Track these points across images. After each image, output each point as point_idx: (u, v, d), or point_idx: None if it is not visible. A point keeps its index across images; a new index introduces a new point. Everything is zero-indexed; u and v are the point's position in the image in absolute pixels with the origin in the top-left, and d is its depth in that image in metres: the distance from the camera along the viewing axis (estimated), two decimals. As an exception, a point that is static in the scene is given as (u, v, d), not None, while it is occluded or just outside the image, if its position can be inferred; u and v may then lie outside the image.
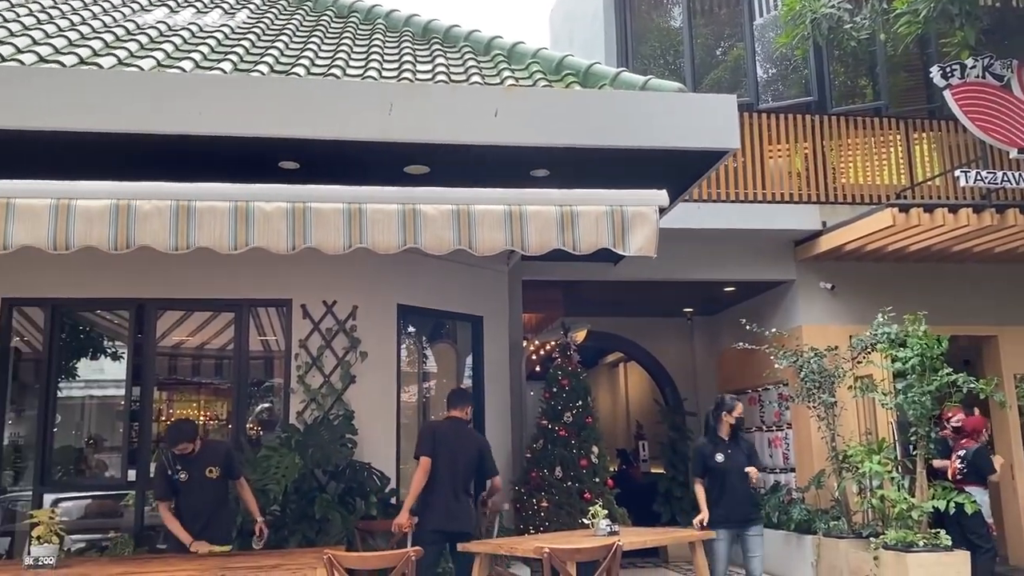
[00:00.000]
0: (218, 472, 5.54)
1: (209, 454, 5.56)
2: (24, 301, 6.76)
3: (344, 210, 4.24)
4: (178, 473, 5.43)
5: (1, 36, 6.12)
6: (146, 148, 5.41)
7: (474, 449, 5.97)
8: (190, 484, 5.46)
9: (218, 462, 5.57)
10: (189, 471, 5.45)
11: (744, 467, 6.20)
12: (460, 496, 5.84)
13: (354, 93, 5.51)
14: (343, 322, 7.04)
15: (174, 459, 5.45)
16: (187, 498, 5.47)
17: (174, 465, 5.44)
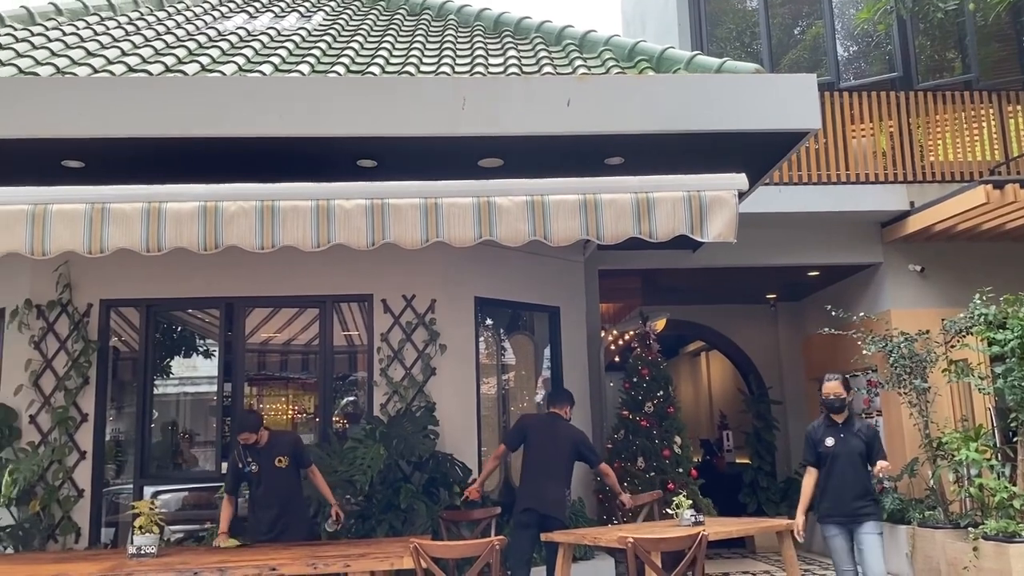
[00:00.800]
0: (287, 461, 5.67)
1: (277, 444, 5.70)
2: (120, 302, 7.06)
3: (421, 205, 4.30)
4: (249, 465, 5.59)
5: (92, 49, 6.40)
6: (229, 152, 5.59)
7: (567, 442, 6.09)
8: (261, 475, 5.60)
9: (286, 452, 5.69)
10: (259, 462, 5.60)
11: (857, 453, 5.40)
12: (550, 485, 5.95)
13: (427, 89, 5.57)
14: (422, 315, 7.13)
15: (245, 452, 5.61)
16: (259, 489, 5.62)
17: (245, 458, 5.60)
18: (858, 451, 5.39)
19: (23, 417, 6.74)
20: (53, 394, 6.78)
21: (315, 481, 5.85)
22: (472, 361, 7.30)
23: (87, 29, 7.07)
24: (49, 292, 6.88)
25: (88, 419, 6.79)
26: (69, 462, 6.69)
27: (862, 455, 5.40)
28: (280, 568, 4.43)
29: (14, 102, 5.34)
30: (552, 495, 5.95)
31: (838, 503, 5.41)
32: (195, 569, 4.38)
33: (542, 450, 6.05)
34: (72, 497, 6.61)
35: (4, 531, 6.31)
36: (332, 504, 5.80)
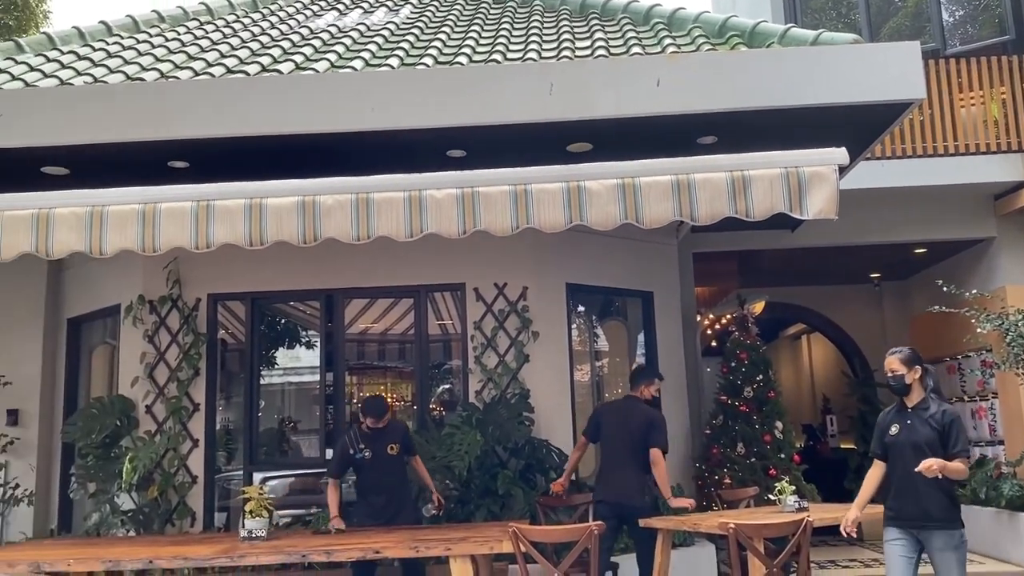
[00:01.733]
0: (397, 449, 5.78)
1: (390, 432, 5.80)
2: (227, 296, 7.35)
3: (511, 192, 4.31)
4: (362, 451, 5.70)
5: (193, 53, 6.66)
6: (324, 147, 5.73)
7: (639, 424, 5.71)
8: (373, 461, 5.70)
9: (398, 439, 5.81)
10: (373, 449, 5.70)
11: (924, 443, 4.31)
12: (624, 473, 5.69)
13: (514, 76, 5.58)
14: (514, 303, 7.16)
15: (360, 437, 5.72)
16: (371, 474, 5.73)
17: (358, 444, 5.71)
18: (925, 441, 4.31)
19: (140, 407, 7.11)
20: (167, 385, 7.11)
21: (417, 468, 5.97)
22: (565, 348, 7.29)
23: (187, 34, 7.36)
24: (160, 288, 7.21)
25: (200, 409, 7.10)
26: (183, 450, 7.01)
27: (932, 447, 4.28)
28: (384, 551, 4.53)
29: (123, 107, 5.61)
30: (627, 483, 5.66)
31: (899, 504, 4.41)
32: (303, 552, 4.52)
33: (614, 438, 5.81)
34: (187, 483, 6.93)
35: (126, 515, 6.67)
36: (432, 491, 5.90)
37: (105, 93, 5.72)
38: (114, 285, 7.52)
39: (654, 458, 5.58)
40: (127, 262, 6.98)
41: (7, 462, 7.74)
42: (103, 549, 4.98)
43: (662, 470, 5.59)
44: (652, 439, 5.62)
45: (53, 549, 5.15)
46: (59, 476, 7.90)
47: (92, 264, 7.52)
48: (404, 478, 5.90)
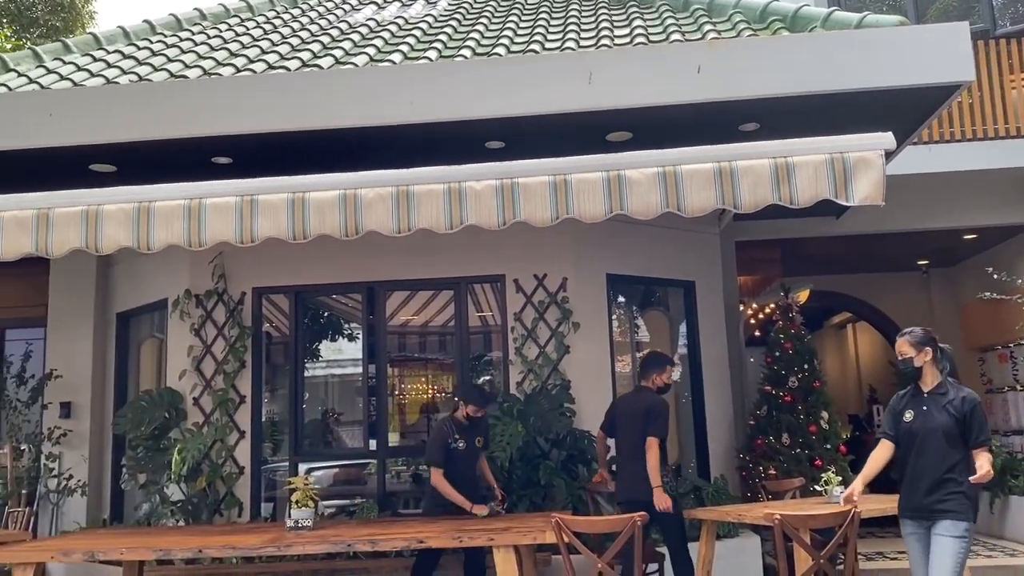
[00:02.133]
0: (482, 442, 5.83)
1: (480, 424, 5.85)
2: (271, 290, 7.44)
3: (550, 182, 4.29)
4: (456, 442, 5.70)
5: (235, 50, 6.75)
6: (364, 141, 5.77)
7: (642, 414, 5.50)
8: (464, 453, 5.71)
9: (483, 432, 5.87)
10: (466, 440, 5.72)
11: (941, 432, 4.13)
12: (634, 467, 5.49)
13: (553, 66, 5.56)
14: (554, 294, 7.15)
15: (455, 428, 5.73)
16: (458, 466, 5.70)
17: (453, 434, 5.71)
18: (943, 429, 4.12)
19: (187, 399, 7.24)
20: (213, 377, 7.23)
21: (483, 463, 5.99)
22: (606, 338, 7.26)
23: (229, 31, 7.46)
24: (206, 282, 7.33)
25: (246, 401, 7.21)
26: (230, 441, 7.13)
27: (949, 435, 4.11)
28: (427, 541, 4.57)
29: (168, 104, 5.70)
30: (636, 477, 5.44)
31: (910, 494, 4.26)
32: (348, 541, 4.58)
33: (623, 432, 5.65)
34: (234, 474, 7.04)
35: (176, 505, 6.81)
36: (495, 486, 5.92)
37: (149, 91, 5.82)
38: (161, 280, 7.67)
39: (646, 445, 5.38)
40: (173, 257, 7.11)
41: (61, 454, 7.94)
42: (154, 538, 5.10)
43: (652, 458, 5.35)
44: (648, 427, 5.43)
45: (106, 538, 5.28)
46: (111, 467, 8.08)
47: (140, 260, 7.67)
48: (478, 472, 5.93)
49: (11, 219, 4.36)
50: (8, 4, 16.49)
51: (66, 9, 16.86)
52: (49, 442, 7.90)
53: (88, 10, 17.47)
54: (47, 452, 7.91)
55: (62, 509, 7.87)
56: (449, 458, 5.69)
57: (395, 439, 7.71)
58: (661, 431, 5.44)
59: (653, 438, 5.38)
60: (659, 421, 5.44)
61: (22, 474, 7.84)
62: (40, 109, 5.77)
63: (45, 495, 7.88)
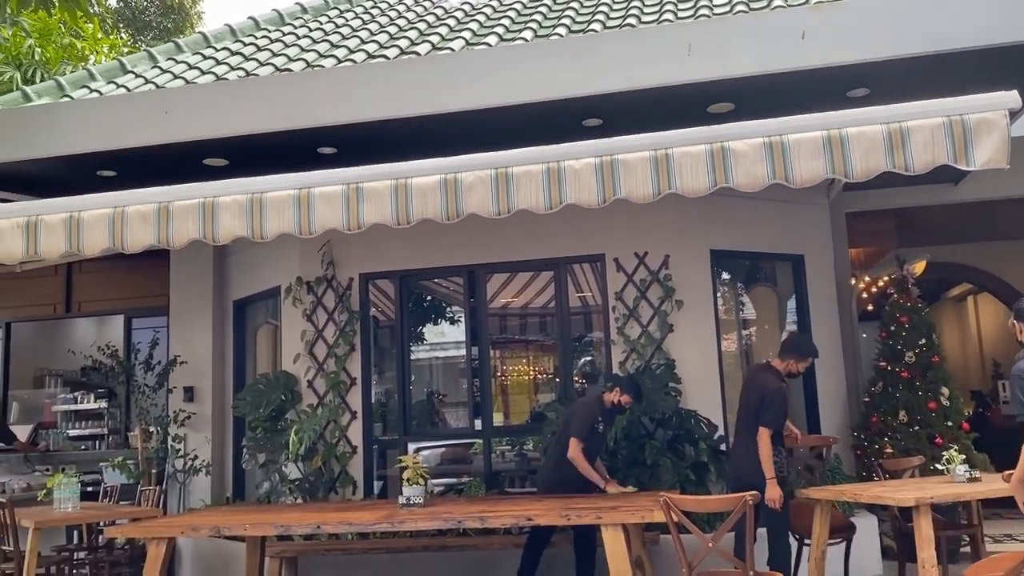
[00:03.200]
0: (604, 427, 5.91)
1: (614, 413, 5.95)
2: (377, 275, 7.63)
3: (651, 157, 4.22)
4: (598, 424, 5.80)
5: (336, 41, 6.91)
6: (461, 126, 5.82)
7: (757, 399, 5.36)
8: (599, 436, 5.84)
9: (610, 419, 5.97)
10: (603, 424, 5.84)
11: None
12: (743, 446, 5.38)
13: (651, 39, 5.46)
14: (656, 272, 7.06)
15: (602, 410, 5.82)
16: (595, 448, 5.83)
17: (598, 416, 5.80)
18: None
19: (302, 382, 7.52)
20: (325, 360, 7.48)
21: None
22: (711, 316, 7.12)
23: (329, 23, 7.64)
24: (316, 269, 7.58)
25: (356, 383, 7.43)
26: (343, 422, 7.37)
27: None
28: (536, 518, 4.61)
29: (274, 97, 5.90)
30: (741, 457, 5.36)
31: None
32: (459, 517, 4.67)
33: (741, 406, 5.53)
34: (347, 453, 7.29)
35: (294, 483, 7.10)
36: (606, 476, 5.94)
37: (256, 85, 6.03)
38: (274, 268, 7.97)
39: (758, 436, 5.23)
40: (285, 246, 7.36)
41: (186, 435, 8.39)
42: (275, 515, 5.33)
43: (764, 449, 5.19)
44: (761, 416, 5.26)
45: (230, 515, 5.56)
46: (232, 448, 8.49)
47: (253, 249, 7.99)
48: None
49: (135, 213, 4.60)
50: (123, 10, 17.39)
51: (176, 11, 17.66)
52: (175, 424, 8.35)
53: (196, 11, 18.25)
54: (173, 434, 8.36)
55: (188, 488, 8.33)
56: (589, 437, 5.77)
57: (499, 419, 7.81)
58: (773, 423, 5.27)
59: (765, 429, 5.22)
60: (771, 412, 5.26)
61: (151, 455, 8.32)
62: (156, 108, 6.06)
63: (173, 475, 8.34)
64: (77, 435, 9.51)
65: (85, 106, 6.19)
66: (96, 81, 6.85)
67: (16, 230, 4.54)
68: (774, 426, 5.26)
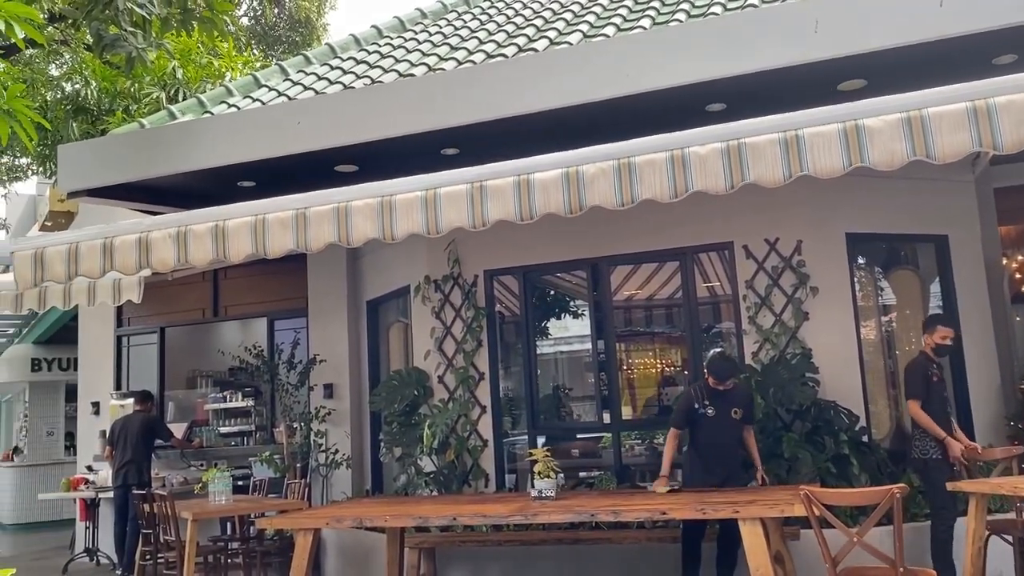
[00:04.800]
0: (741, 414, 5.74)
1: (738, 395, 5.78)
2: (500, 271, 7.73)
3: (780, 139, 4.08)
4: (706, 408, 5.68)
5: (455, 43, 7.04)
6: (583, 117, 5.81)
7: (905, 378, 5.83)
8: (714, 420, 5.68)
9: (742, 404, 5.77)
10: (716, 407, 5.69)
11: None
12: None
13: (774, 18, 5.29)
14: (788, 258, 6.83)
15: (705, 393, 5.72)
16: (709, 433, 5.72)
17: (703, 400, 5.71)
18: None
19: (433, 378, 7.72)
20: (454, 356, 7.65)
21: (748, 438, 5.88)
22: (848, 302, 6.82)
23: (448, 26, 7.79)
24: (443, 268, 7.75)
25: (484, 377, 7.56)
26: (473, 416, 7.51)
27: None
28: (670, 513, 4.56)
29: (398, 102, 6.06)
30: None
31: None
32: (592, 511, 4.68)
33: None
34: (478, 447, 7.42)
35: (429, 476, 7.30)
36: (758, 466, 5.83)
37: (381, 92, 6.22)
38: (403, 268, 8.21)
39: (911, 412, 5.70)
40: (413, 246, 7.57)
41: (327, 431, 8.76)
42: (412, 507, 5.50)
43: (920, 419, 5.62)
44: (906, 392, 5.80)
45: (371, 507, 5.77)
46: (369, 442, 8.81)
47: (383, 250, 8.26)
48: (738, 444, 5.85)
49: (274, 220, 4.84)
50: (255, 27, 18.31)
51: (303, 24, 18.45)
52: (316, 420, 8.74)
53: (322, 23, 19.01)
54: (315, 429, 8.75)
55: (330, 480, 8.70)
56: (694, 422, 5.70)
57: (627, 412, 7.76)
58: (912, 392, 5.66)
59: (910, 401, 5.65)
60: (908, 383, 5.69)
61: (296, 450, 8.74)
62: (289, 119, 6.35)
63: (316, 468, 8.74)
64: (227, 432, 10.11)
65: (224, 121, 6.56)
66: (233, 96, 7.25)
67: (168, 240, 4.85)
68: (915, 395, 5.64)
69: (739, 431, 5.78)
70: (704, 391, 5.71)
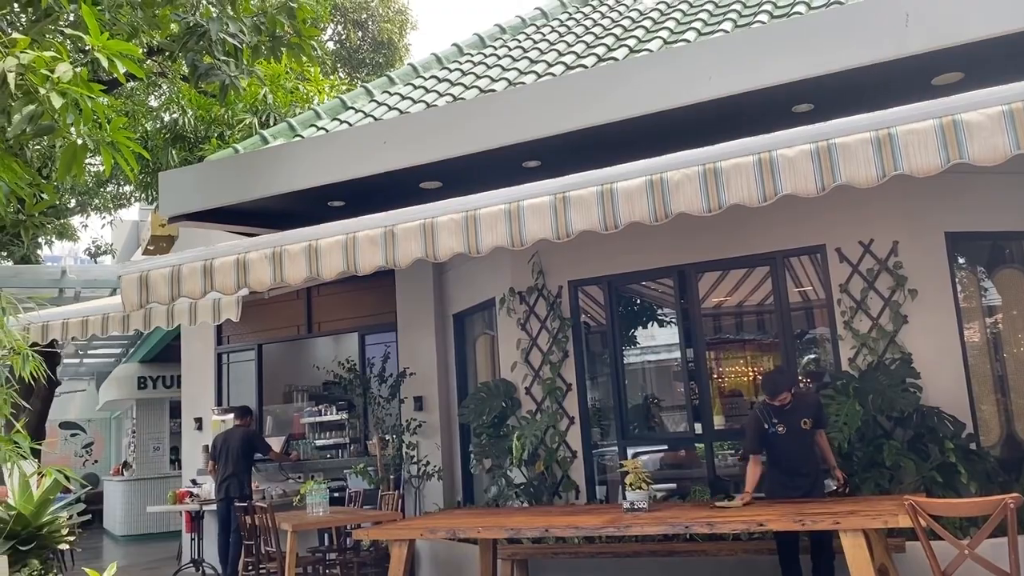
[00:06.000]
0: (810, 423, 5.62)
1: (802, 405, 5.67)
2: (585, 281, 7.72)
3: (872, 138, 3.97)
4: (775, 426, 5.60)
5: (534, 57, 7.08)
6: (664, 124, 5.76)
7: None
8: (786, 436, 5.58)
9: (810, 413, 5.65)
10: (786, 423, 5.59)
11: None
12: None
13: (862, 14, 5.14)
14: (884, 260, 6.60)
15: (771, 412, 5.64)
16: (783, 449, 5.62)
17: (770, 419, 5.62)
18: None
19: (520, 389, 7.75)
20: (541, 367, 7.67)
21: (820, 442, 5.78)
22: (950, 304, 6.53)
23: (527, 40, 7.85)
24: (527, 279, 7.79)
25: (572, 388, 7.54)
26: (561, 427, 7.51)
27: None
28: (768, 524, 4.46)
29: (480, 118, 6.14)
30: None
31: None
32: (685, 522, 4.61)
33: None
34: (567, 458, 7.41)
35: (519, 488, 7.32)
36: (834, 466, 5.72)
37: (463, 108, 6.31)
38: (487, 281, 8.29)
39: None
40: (497, 259, 7.64)
41: (418, 443, 8.89)
42: (504, 518, 5.53)
43: None
44: None
45: (463, 518, 5.83)
46: (459, 453, 8.90)
47: (468, 264, 8.35)
48: (815, 453, 5.74)
49: (364, 238, 4.96)
50: (340, 50, 18.84)
51: (386, 46, 18.90)
52: (408, 432, 8.88)
53: (404, 43, 19.43)
54: (407, 442, 8.90)
55: (422, 492, 8.82)
56: (768, 443, 5.59)
57: (719, 422, 7.61)
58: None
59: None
60: None
61: (389, 462, 8.90)
62: (375, 139, 6.50)
63: (408, 480, 8.87)
64: (323, 445, 10.38)
65: (313, 144, 6.76)
66: (321, 119, 7.47)
67: (264, 261, 5.03)
68: None
69: (810, 441, 5.65)
70: (768, 411, 5.61)
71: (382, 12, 19.21)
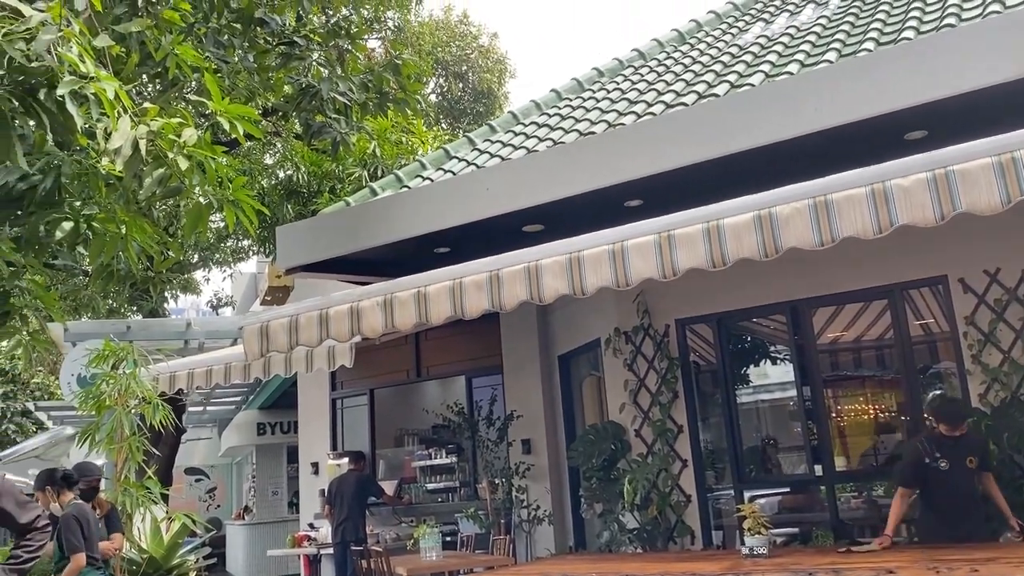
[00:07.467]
0: (976, 462, 5.27)
1: (970, 442, 5.33)
2: (693, 320, 7.60)
3: (994, 163, 3.79)
4: (938, 460, 5.25)
5: (633, 98, 7.11)
6: (768, 157, 5.66)
7: None
8: (949, 473, 5.23)
9: (977, 451, 5.31)
10: (950, 459, 5.24)
11: None
12: None
13: (976, 36, 4.95)
14: (1013, 290, 6.23)
15: (934, 445, 5.31)
16: (945, 489, 5.27)
17: (933, 452, 5.28)
18: None
19: (629, 431, 7.64)
20: (650, 409, 7.55)
21: (990, 486, 5.39)
22: (1092, 334, 6.11)
23: (626, 82, 7.90)
24: (632, 319, 7.73)
25: (683, 430, 7.39)
26: (674, 470, 7.34)
27: None
28: (898, 571, 4.22)
29: (580, 161, 6.18)
30: None
31: None
32: (809, 570, 4.42)
33: None
34: (681, 502, 7.23)
35: (632, 532, 7.18)
36: (1010, 515, 5.29)
37: (563, 152, 6.37)
38: (592, 322, 8.26)
39: None
40: (601, 300, 7.59)
41: (527, 486, 8.87)
42: (618, 564, 5.44)
43: None
44: None
45: (577, 564, 5.76)
46: (569, 497, 8.82)
47: (572, 305, 8.35)
48: (978, 495, 5.38)
49: (471, 283, 5.05)
50: (442, 102, 19.42)
51: (485, 95, 19.36)
52: (517, 476, 8.88)
53: (503, 92, 19.87)
54: (516, 485, 8.89)
55: (533, 536, 8.77)
56: (925, 479, 5.25)
57: (841, 463, 7.29)
58: None
59: None
60: None
61: (499, 505, 8.91)
62: (478, 186, 6.63)
63: (519, 524, 8.84)
64: (434, 488, 10.49)
65: (420, 194, 6.96)
66: (426, 170, 7.69)
67: (376, 308, 5.18)
68: None
69: (974, 482, 5.28)
70: (933, 443, 5.24)
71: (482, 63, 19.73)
